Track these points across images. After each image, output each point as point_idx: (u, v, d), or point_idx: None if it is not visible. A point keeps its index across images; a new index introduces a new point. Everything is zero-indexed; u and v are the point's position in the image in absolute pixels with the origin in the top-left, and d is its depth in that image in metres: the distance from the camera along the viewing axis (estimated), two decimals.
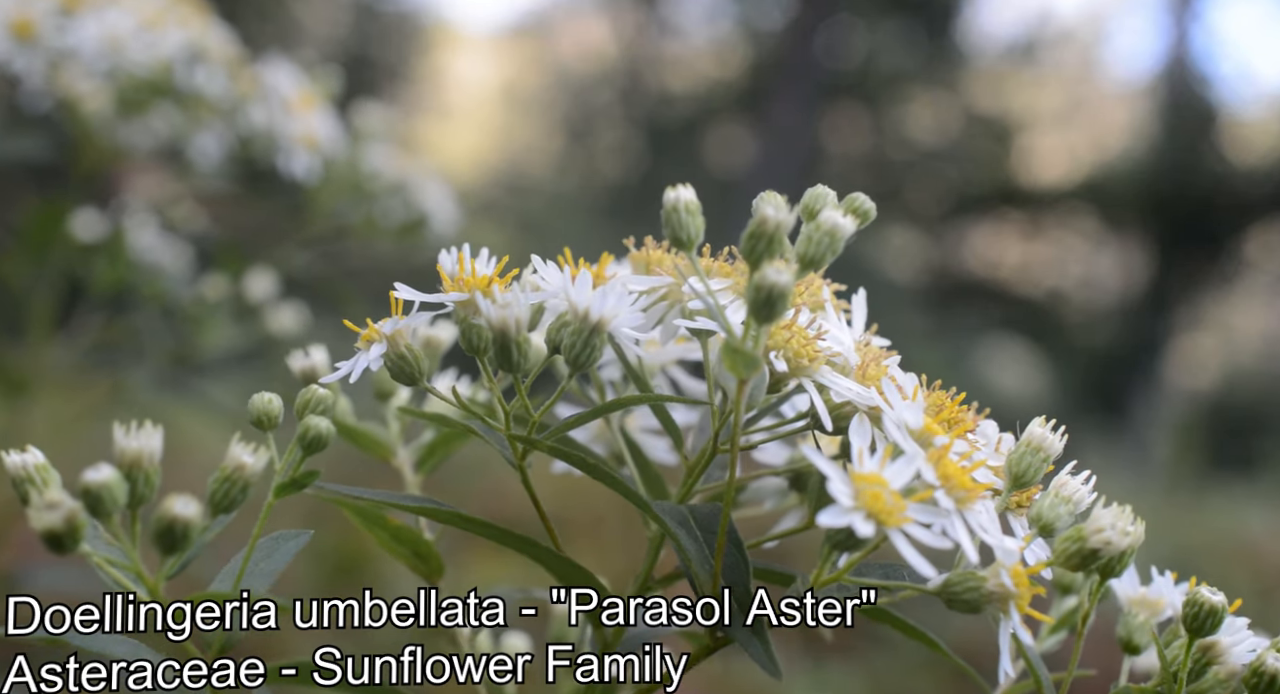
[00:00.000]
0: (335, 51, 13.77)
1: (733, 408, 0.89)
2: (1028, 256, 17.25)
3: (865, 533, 0.82)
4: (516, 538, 0.95)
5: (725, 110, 16.99)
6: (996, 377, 13.12)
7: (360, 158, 2.40)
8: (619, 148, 17.74)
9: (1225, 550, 5.76)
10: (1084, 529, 0.90)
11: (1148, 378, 14.98)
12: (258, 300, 2.29)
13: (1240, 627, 0.98)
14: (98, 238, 2.25)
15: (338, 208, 2.39)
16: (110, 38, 2.20)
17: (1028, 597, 0.88)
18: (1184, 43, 16.66)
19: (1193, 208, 15.15)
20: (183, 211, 2.40)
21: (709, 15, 17.49)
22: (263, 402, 0.94)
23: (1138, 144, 16.88)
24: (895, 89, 16.37)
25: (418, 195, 2.43)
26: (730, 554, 0.92)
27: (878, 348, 1.03)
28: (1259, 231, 15.96)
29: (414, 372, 0.97)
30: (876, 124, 16.70)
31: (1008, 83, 17.48)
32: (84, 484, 0.80)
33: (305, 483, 0.91)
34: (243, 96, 2.31)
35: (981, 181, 16.62)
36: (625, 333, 0.96)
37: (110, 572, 0.86)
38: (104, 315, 2.38)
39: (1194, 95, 16.16)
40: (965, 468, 0.87)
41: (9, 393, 2.23)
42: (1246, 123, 16.85)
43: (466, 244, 0.97)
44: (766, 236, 0.86)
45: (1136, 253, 16.37)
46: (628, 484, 0.93)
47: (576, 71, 18.40)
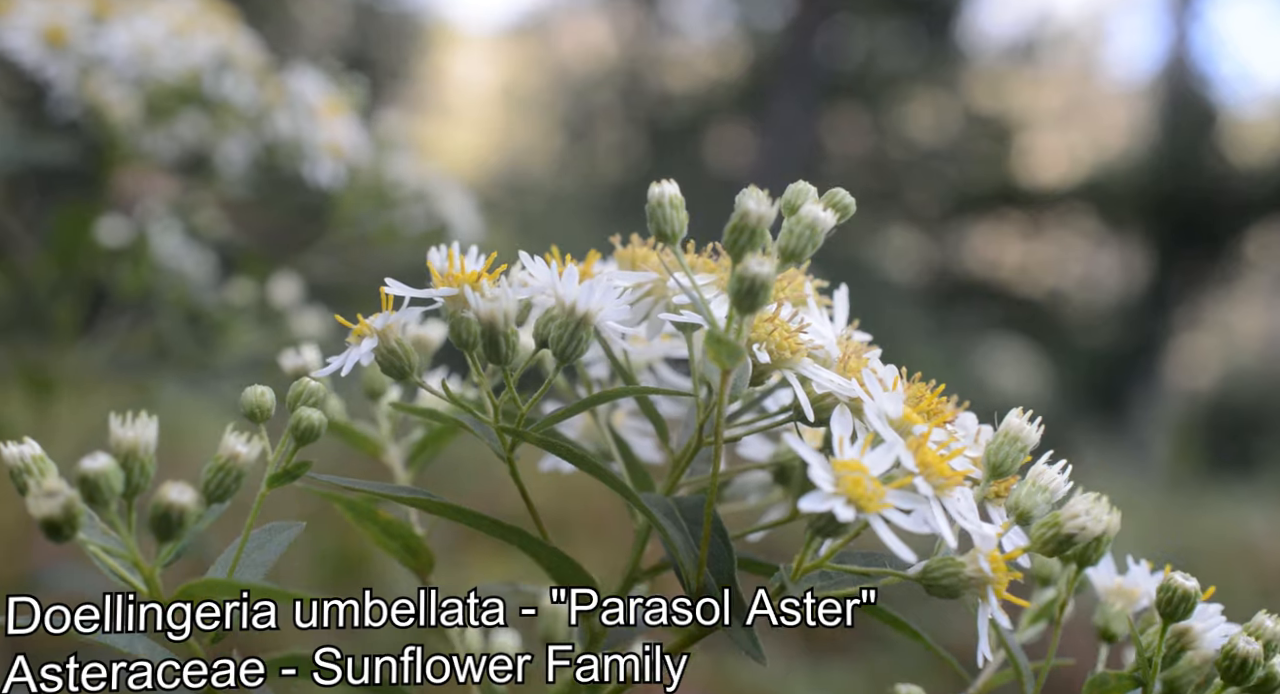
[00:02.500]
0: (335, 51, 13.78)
1: (717, 400, 0.91)
2: (1028, 256, 17.26)
3: (845, 517, 0.83)
4: (507, 529, 0.96)
5: (725, 110, 17.00)
6: (996, 376, 13.13)
7: (384, 166, 2.42)
8: (619, 148, 17.75)
9: (1225, 550, 5.77)
10: (1059, 515, 0.91)
11: (1147, 378, 15.00)
12: (282, 305, 2.31)
13: (1213, 613, 1.00)
14: (122, 243, 2.27)
15: (359, 215, 2.41)
16: (141, 45, 2.22)
17: (1005, 582, 0.90)
18: (1184, 43, 16.67)
19: (1193, 208, 15.16)
20: (206, 218, 2.41)
21: (709, 15, 17.50)
22: (255, 395, 0.95)
23: (1138, 144, 16.89)
24: (895, 89, 16.38)
25: (439, 204, 2.45)
26: (715, 544, 0.94)
27: (858, 342, 1.05)
28: (1259, 231, 15.97)
29: (404, 366, 0.98)
30: (876, 124, 16.71)
31: (1008, 83, 17.49)
32: (81, 472, 0.81)
33: (297, 473, 0.93)
34: (269, 104, 2.32)
35: (981, 181, 16.63)
36: (611, 327, 0.98)
37: (106, 560, 0.87)
38: (129, 319, 2.41)
39: (1194, 95, 16.17)
40: (944, 456, 0.89)
41: (35, 394, 2.25)
42: (1246, 123, 16.86)
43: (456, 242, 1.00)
44: (748, 229, 0.89)
45: (1136, 253, 16.38)
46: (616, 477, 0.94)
47: (576, 71, 18.41)
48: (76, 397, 2.32)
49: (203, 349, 2.31)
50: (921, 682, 1.02)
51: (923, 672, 3.95)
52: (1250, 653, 0.93)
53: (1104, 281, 16.87)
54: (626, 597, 1.04)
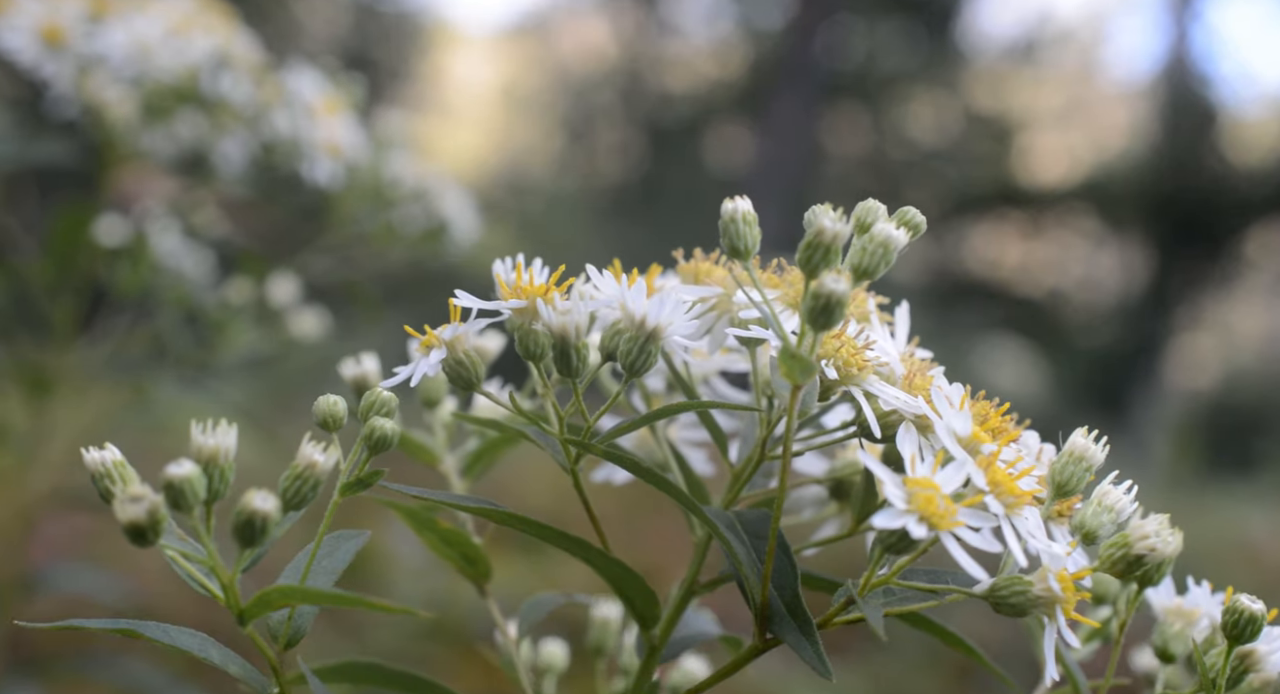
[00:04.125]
0: (335, 51, 13.78)
1: (781, 414, 0.91)
2: (1028, 256, 17.27)
3: (919, 535, 0.84)
4: (571, 540, 0.96)
5: (725, 110, 17.01)
6: (996, 376, 13.13)
7: (382, 165, 2.41)
8: (619, 148, 17.76)
9: (1225, 550, 5.77)
10: (1129, 535, 0.92)
11: (1147, 378, 15.00)
12: (280, 304, 2.31)
13: (1277, 636, 0.99)
14: (120, 242, 2.27)
15: (358, 215, 2.41)
16: (139, 44, 2.22)
17: (1073, 602, 0.90)
18: (1184, 43, 16.68)
19: (1193, 208, 15.17)
20: (204, 217, 2.41)
21: (709, 15, 17.51)
22: (328, 404, 0.95)
23: (1138, 144, 16.91)
24: (895, 89, 16.39)
25: (438, 203, 2.44)
26: (779, 559, 0.94)
27: (921, 360, 1.05)
28: (1259, 231, 15.98)
29: (471, 376, 0.99)
30: (876, 124, 16.73)
31: (1008, 83, 17.50)
32: (167, 478, 0.82)
33: (370, 482, 0.93)
34: (267, 103, 2.32)
35: (981, 181, 16.64)
36: (676, 341, 0.98)
37: (185, 565, 0.88)
38: (127, 319, 2.40)
39: (1194, 95, 16.18)
40: (1012, 475, 0.89)
41: (33, 394, 2.25)
42: (1246, 123, 16.87)
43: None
44: (824, 247, 0.89)
45: (1136, 253, 16.39)
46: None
47: (576, 71, 18.42)
48: (74, 396, 2.32)
49: (201, 348, 2.31)
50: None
51: (922, 672, 3.95)
52: None
53: (1104, 281, 16.88)
54: (685, 609, 1.05)
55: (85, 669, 2.24)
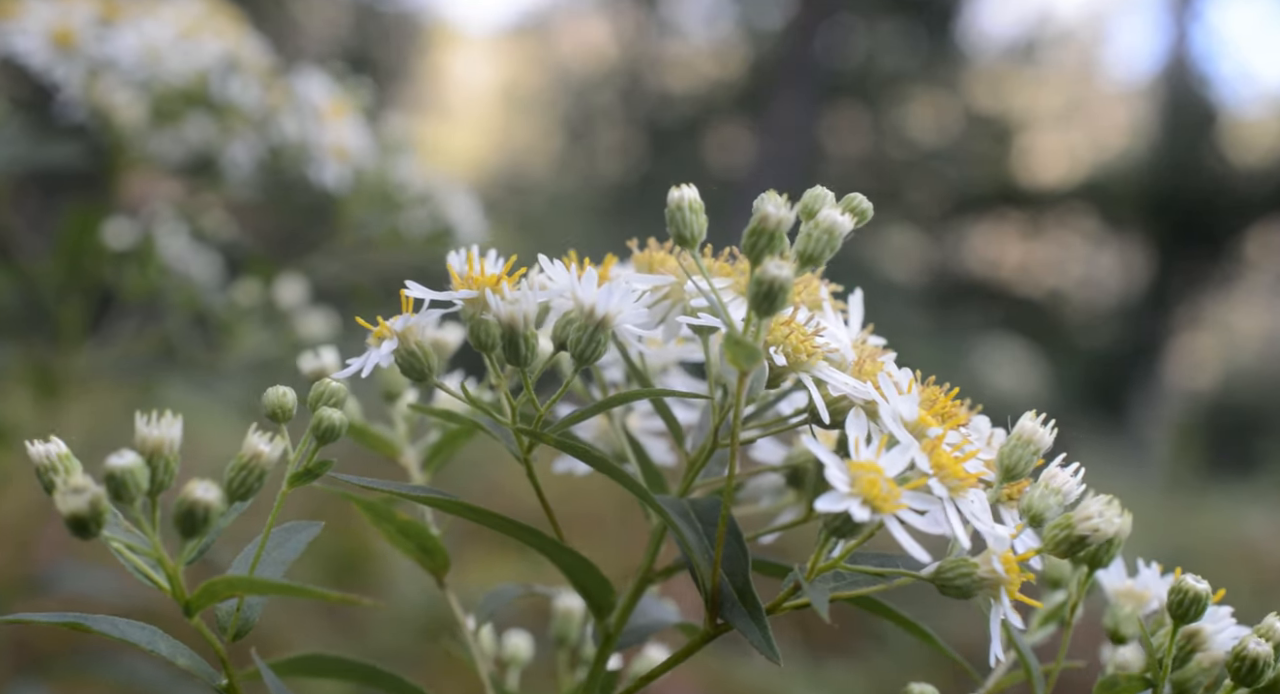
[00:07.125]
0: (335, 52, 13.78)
1: (732, 403, 0.91)
2: (1028, 256, 17.26)
3: (861, 518, 0.84)
4: (523, 529, 0.97)
5: (725, 110, 17.00)
6: (996, 376, 13.13)
7: (390, 168, 2.42)
8: (619, 148, 17.75)
9: (1225, 550, 5.77)
10: (1072, 517, 0.92)
11: (1147, 378, 15.00)
12: (288, 306, 2.32)
13: (1223, 616, 1.00)
14: (129, 245, 2.28)
15: (365, 218, 2.42)
16: (148, 48, 2.23)
17: (1018, 583, 0.90)
18: (1184, 43, 16.68)
19: (1193, 208, 15.16)
20: (212, 220, 2.42)
21: (709, 15, 17.50)
22: (277, 395, 0.96)
23: (1138, 144, 16.90)
24: (895, 89, 16.38)
25: (444, 206, 2.45)
26: (730, 545, 0.94)
27: (873, 346, 1.06)
28: (1259, 231, 15.98)
29: (423, 367, 0.99)
30: (876, 124, 16.71)
31: (1008, 83, 17.49)
32: (108, 469, 0.82)
33: (318, 473, 0.93)
34: (274, 107, 2.33)
35: (981, 181, 16.63)
36: (629, 330, 0.98)
37: (129, 557, 0.87)
38: (135, 321, 2.41)
39: (1194, 95, 16.17)
40: (958, 458, 0.90)
41: (42, 395, 2.26)
42: (1246, 123, 16.87)
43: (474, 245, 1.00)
44: (767, 233, 0.89)
45: (1136, 253, 16.38)
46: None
47: (576, 71, 18.41)
48: (83, 398, 2.33)
49: (209, 350, 2.32)
50: (921, 680, 1.02)
51: (922, 671, 3.96)
52: (1261, 654, 0.94)
53: (1104, 281, 16.87)
54: (640, 598, 1.05)
55: (88, 667, 2.25)
